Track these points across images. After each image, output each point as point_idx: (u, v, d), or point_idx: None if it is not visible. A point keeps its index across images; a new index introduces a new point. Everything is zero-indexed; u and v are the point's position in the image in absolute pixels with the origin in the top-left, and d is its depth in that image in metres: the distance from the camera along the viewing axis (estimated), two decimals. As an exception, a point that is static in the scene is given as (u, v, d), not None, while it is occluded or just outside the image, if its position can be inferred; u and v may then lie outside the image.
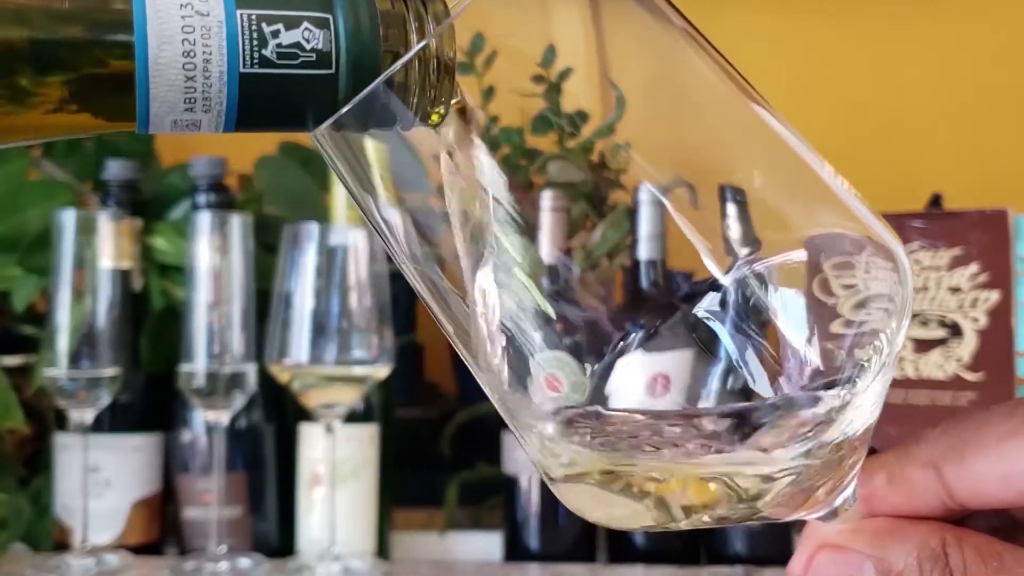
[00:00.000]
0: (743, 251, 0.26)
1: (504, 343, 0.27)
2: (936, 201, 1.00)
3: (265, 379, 0.89)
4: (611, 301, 0.27)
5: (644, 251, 0.28)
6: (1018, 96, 1.30)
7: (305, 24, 0.25)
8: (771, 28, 1.26)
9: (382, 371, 0.87)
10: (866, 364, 0.27)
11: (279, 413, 0.97)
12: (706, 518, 0.27)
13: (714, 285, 0.26)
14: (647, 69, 0.26)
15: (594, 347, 0.26)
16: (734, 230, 0.26)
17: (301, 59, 0.25)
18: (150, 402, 0.97)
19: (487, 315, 0.26)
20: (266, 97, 0.25)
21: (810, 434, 0.27)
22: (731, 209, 0.26)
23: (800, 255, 0.27)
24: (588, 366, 0.26)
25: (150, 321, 0.96)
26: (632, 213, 0.26)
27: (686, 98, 0.27)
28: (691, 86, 0.27)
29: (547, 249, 0.26)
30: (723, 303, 0.26)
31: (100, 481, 0.93)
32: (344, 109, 0.24)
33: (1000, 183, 1.21)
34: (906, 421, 0.93)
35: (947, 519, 0.28)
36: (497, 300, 0.26)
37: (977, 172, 1.25)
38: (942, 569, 0.27)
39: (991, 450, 0.28)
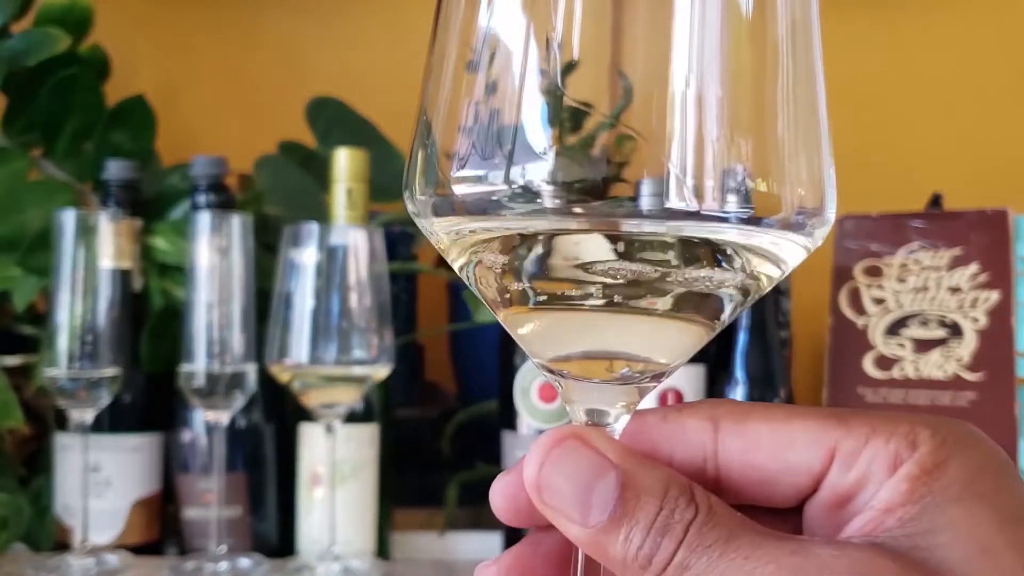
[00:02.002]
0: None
1: None
2: (936, 201, 1.00)
3: (265, 379, 0.89)
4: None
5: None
6: (1018, 96, 1.30)
7: None
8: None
9: (382, 371, 0.87)
10: None
11: (279, 413, 0.97)
12: None
13: None
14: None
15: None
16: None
17: None
18: (150, 402, 0.97)
19: None
20: None
21: None
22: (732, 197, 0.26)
23: None
24: None
25: (150, 321, 0.96)
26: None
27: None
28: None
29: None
30: None
31: (100, 481, 0.93)
32: None
33: (1000, 183, 1.21)
34: (906, 421, 0.93)
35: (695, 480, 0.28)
36: None
37: (977, 172, 1.25)
38: (688, 500, 0.27)
39: (776, 420, 0.29)
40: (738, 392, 0.93)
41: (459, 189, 0.26)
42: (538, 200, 0.25)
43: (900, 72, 1.31)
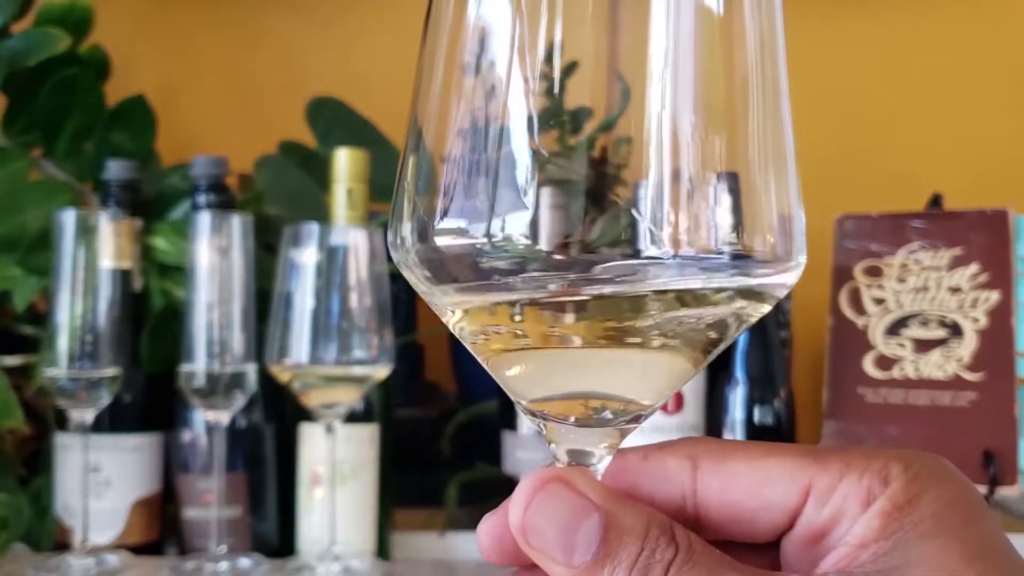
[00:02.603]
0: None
1: None
2: (936, 201, 1.00)
3: (265, 379, 0.89)
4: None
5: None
6: (1018, 96, 1.30)
7: None
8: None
9: (382, 371, 0.87)
10: None
11: (279, 413, 0.97)
12: None
13: None
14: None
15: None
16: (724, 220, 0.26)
17: None
18: (150, 402, 0.97)
19: None
20: None
21: None
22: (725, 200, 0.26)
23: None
24: None
25: (150, 321, 0.96)
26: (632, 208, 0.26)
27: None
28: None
29: (545, 246, 0.26)
30: None
31: (100, 481, 0.93)
32: None
33: (1000, 183, 1.21)
34: (906, 421, 0.93)
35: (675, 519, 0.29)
36: None
37: (977, 172, 1.25)
38: (668, 540, 0.27)
39: (754, 458, 0.29)
40: (738, 392, 0.93)
41: (441, 240, 0.27)
42: (518, 254, 0.26)
43: (901, 72, 1.31)
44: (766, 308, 0.28)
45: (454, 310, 0.28)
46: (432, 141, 0.28)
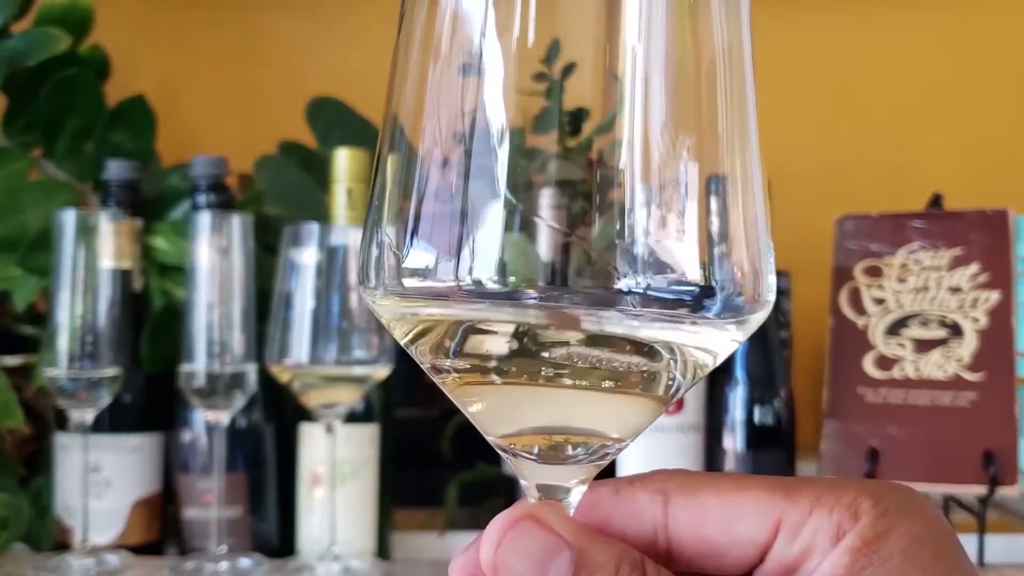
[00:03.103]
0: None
1: None
2: (936, 201, 1.00)
3: (265, 379, 0.89)
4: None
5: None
6: (1018, 96, 1.30)
7: None
8: (770, 28, 1.25)
9: (382, 371, 0.87)
10: None
11: (279, 413, 0.97)
12: None
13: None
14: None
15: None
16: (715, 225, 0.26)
17: None
18: (150, 402, 0.97)
19: None
20: None
21: None
22: (715, 203, 0.26)
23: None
24: None
25: (150, 321, 0.96)
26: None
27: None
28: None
29: (546, 246, 0.26)
30: None
31: (100, 481, 0.93)
32: None
33: (1000, 183, 1.21)
34: (906, 421, 0.93)
35: (647, 553, 0.29)
36: None
37: (977, 172, 1.25)
38: (640, 575, 0.28)
39: (726, 492, 0.29)
40: (738, 392, 0.93)
41: (408, 282, 0.27)
42: (486, 291, 0.26)
43: (901, 72, 1.31)
44: (729, 351, 0.28)
45: (410, 338, 0.28)
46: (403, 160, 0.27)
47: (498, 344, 0.26)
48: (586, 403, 0.27)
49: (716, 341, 0.27)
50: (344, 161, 0.91)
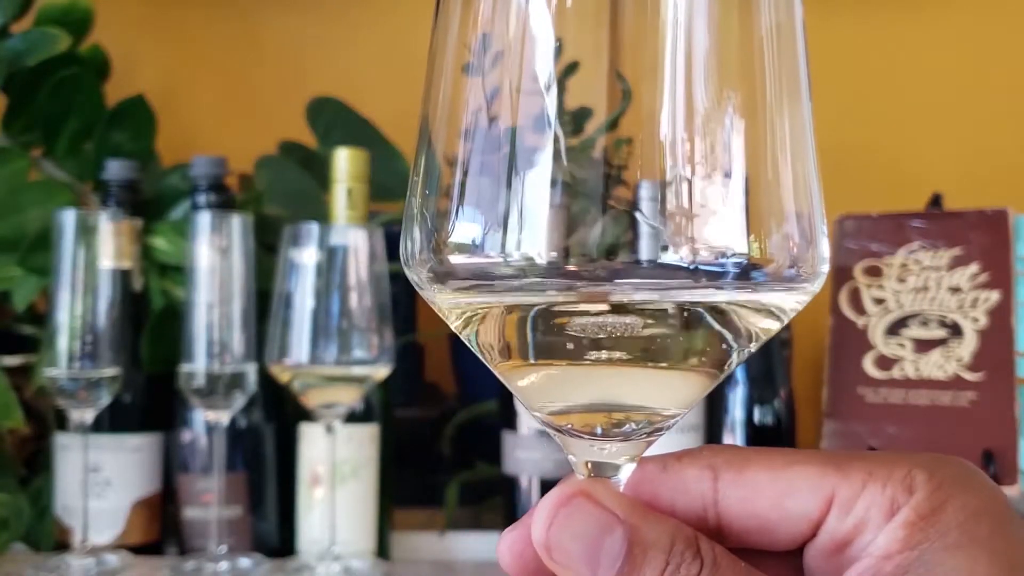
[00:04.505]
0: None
1: None
2: (936, 201, 1.00)
3: (265, 379, 0.89)
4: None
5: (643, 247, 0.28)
6: (1018, 96, 1.30)
7: None
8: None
9: (382, 371, 0.87)
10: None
11: (279, 413, 0.97)
12: None
13: None
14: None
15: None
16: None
17: None
18: (150, 402, 0.97)
19: None
20: None
21: None
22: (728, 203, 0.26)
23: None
24: None
25: (150, 321, 0.96)
26: (632, 209, 0.26)
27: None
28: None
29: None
30: None
31: (100, 481, 0.93)
32: None
33: (1000, 183, 1.21)
34: (906, 421, 0.93)
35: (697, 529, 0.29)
36: None
37: (977, 172, 1.25)
38: (694, 554, 0.27)
39: (776, 467, 0.29)
40: (738, 392, 0.93)
41: (454, 258, 0.27)
42: (536, 267, 0.25)
43: (901, 72, 1.31)
44: (788, 318, 0.28)
45: (460, 315, 0.28)
46: (441, 144, 0.27)
47: (547, 322, 0.26)
48: (637, 378, 0.27)
49: (779, 301, 0.27)
50: (344, 161, 0.91)
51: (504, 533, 0.30)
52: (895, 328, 0.96)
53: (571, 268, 0.25)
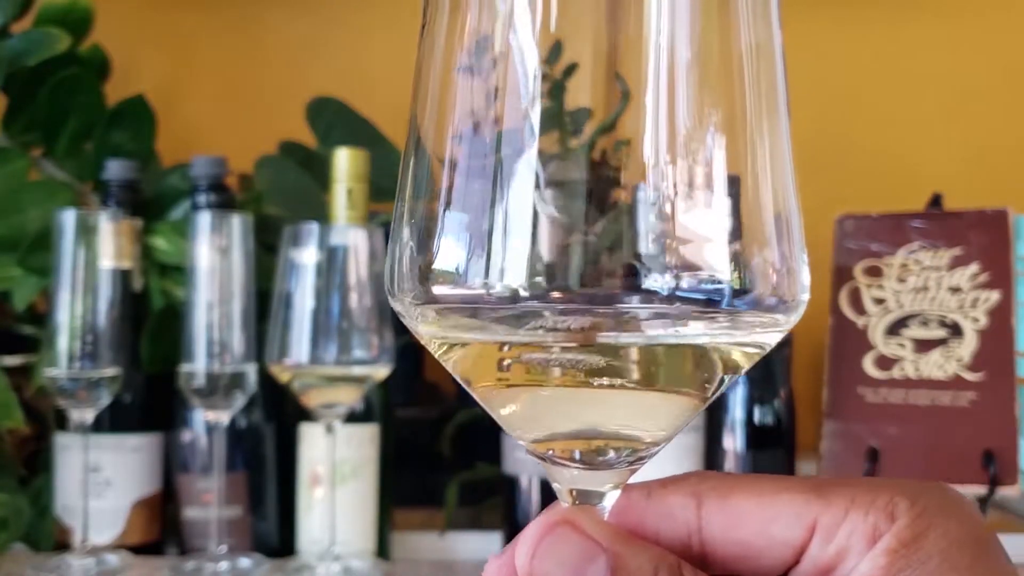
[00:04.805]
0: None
1: None
2: (936, 201, 1.00)
3: (265, 379, 0.89)
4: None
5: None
6: (1018, 96, 1.30)
7: None
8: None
9: (382, 371, 0.87)
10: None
11: (279, 413, 0.97)
12: None
13: None
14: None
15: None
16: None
17: None
18: (150, 402, 0.97)
19: None
20: None
21: None
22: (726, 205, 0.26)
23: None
24: None
25: (150, 321, 0.96)
26: (631, 210, 0.26)
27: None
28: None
29: (547, 247, 0.25)
30: None
31: (100, 481, 0.93)
32: None
33: (1000, 183, 1.21)
34: (906, 421, 0.93)
35: (681, 556, 0.29)
36: None
37: (977, 172, 1.25)
38: None
39: (760, 494, 0.29)
40: (738, 392, 0.93)
41: (437, 289, 0.27)
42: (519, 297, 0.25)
43: (901, 72, 1.31)
44: (770, 346, 0.28)
45: (441, 344, 0.28)
46: (431, 144, 0.27)
47: (529, 351, 0.26)
48: (622, 406, 0.27)
49: (756, 338, 0.27)
50: (344, 161, 0.91)
51: (490, 559, 0.30)
52: (895, 328, 0.96)
53: (555, 296, 0.25)
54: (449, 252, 0.26)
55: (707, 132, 0.26)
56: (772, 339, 0.28)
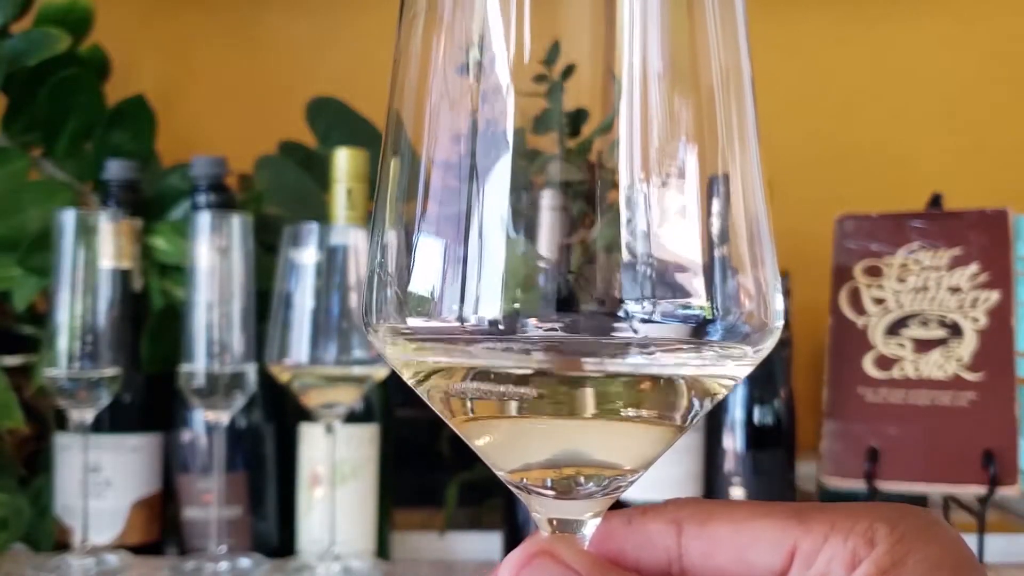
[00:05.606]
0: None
1: None
2: (936, 201, 1.00)
3: (265, 379, 0.89)
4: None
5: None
6: (1018, 96, 1.30)
7: None
8: (771, 28, 1.26)
9: (382, 371, 0.87)
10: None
11: (279, 413, 0.97)
12: None
13: None
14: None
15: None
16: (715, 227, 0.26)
17: None
18: (150, 402, 0.97)
19: None
20: None
21: None
22: (715, 205, 0.26)
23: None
24: None
25: (150, 321, 0.96)
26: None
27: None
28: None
29: (546, 246, 0.25)
30: None
31: (100, 481, 0.93)
32: None
33: (1000, 183, 1.21)
34: (906, 421, 0.93)
35: None
36: None
37: (977, 172, 1.25)
38: None
39: (739, 520, 0.29)
40: (738, 392, 0.93)
41: (412, 321, 0.27)
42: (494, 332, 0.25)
43: (901, 72, 1.31)
44: (744, 374, 0.28)
45: (415, 373, 0.28)
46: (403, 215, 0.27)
47: (504, 382, 0.26)
48: (598, 435, 0.27)
49: (729, 370, 0.27)
50: (344, 161, 0.91)
51: None
52: (895, 328, 0.96)
53: (531, 326, 0.25)
54: (421, 287, 0.26)
55: (677, 162, 0.26)
56: (744, 370, 0.28)
